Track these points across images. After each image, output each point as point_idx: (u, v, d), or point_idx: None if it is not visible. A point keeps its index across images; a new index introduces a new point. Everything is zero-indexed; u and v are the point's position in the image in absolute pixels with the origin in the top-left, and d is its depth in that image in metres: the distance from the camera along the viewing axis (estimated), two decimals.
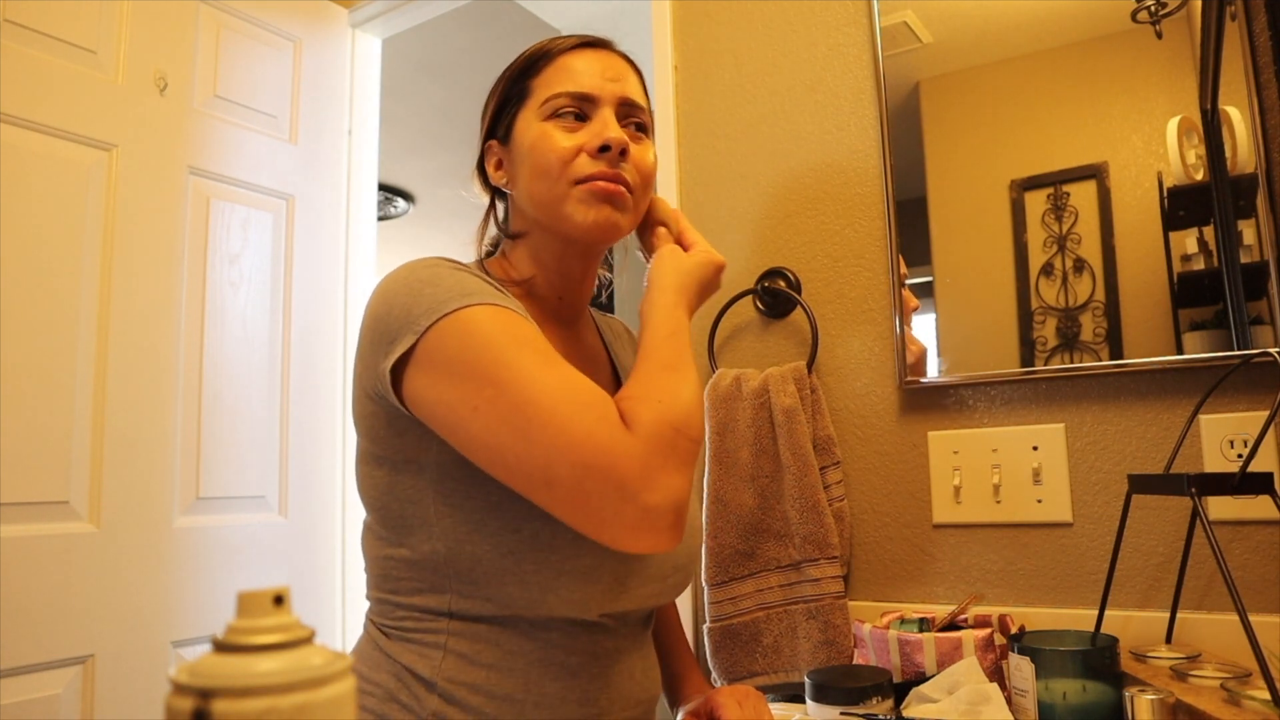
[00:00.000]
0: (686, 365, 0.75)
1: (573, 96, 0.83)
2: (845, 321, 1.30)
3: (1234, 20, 1.04)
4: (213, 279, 1.64)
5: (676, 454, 0.67)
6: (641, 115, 0.87)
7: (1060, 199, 1.14)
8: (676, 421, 0.68)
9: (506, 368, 0.67)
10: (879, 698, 0.91)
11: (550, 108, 0.83)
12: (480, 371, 0.67)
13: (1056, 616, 1.09)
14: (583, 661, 0.77)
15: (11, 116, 1.37)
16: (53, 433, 1.38)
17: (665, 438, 0.67)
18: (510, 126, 0.87)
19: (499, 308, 0.72)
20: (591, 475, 0.64)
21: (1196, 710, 0.78)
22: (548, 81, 0.84)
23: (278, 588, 0.33)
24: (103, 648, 1.41)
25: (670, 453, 0.67)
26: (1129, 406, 1.09)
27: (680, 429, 0.68)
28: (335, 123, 1.94)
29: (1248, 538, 1.01)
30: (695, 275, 0.84)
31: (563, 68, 0.84)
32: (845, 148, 1.32)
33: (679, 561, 0.83)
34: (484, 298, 0.72)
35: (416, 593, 0.77)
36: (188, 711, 0.30)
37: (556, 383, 0.67)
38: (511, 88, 0.87)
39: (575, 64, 0.84)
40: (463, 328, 0.69)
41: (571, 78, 0.84)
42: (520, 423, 0.65)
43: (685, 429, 0.69)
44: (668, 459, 0.66)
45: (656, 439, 0.67)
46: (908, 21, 1.27)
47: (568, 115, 0.83)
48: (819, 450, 1.24)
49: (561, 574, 0.72)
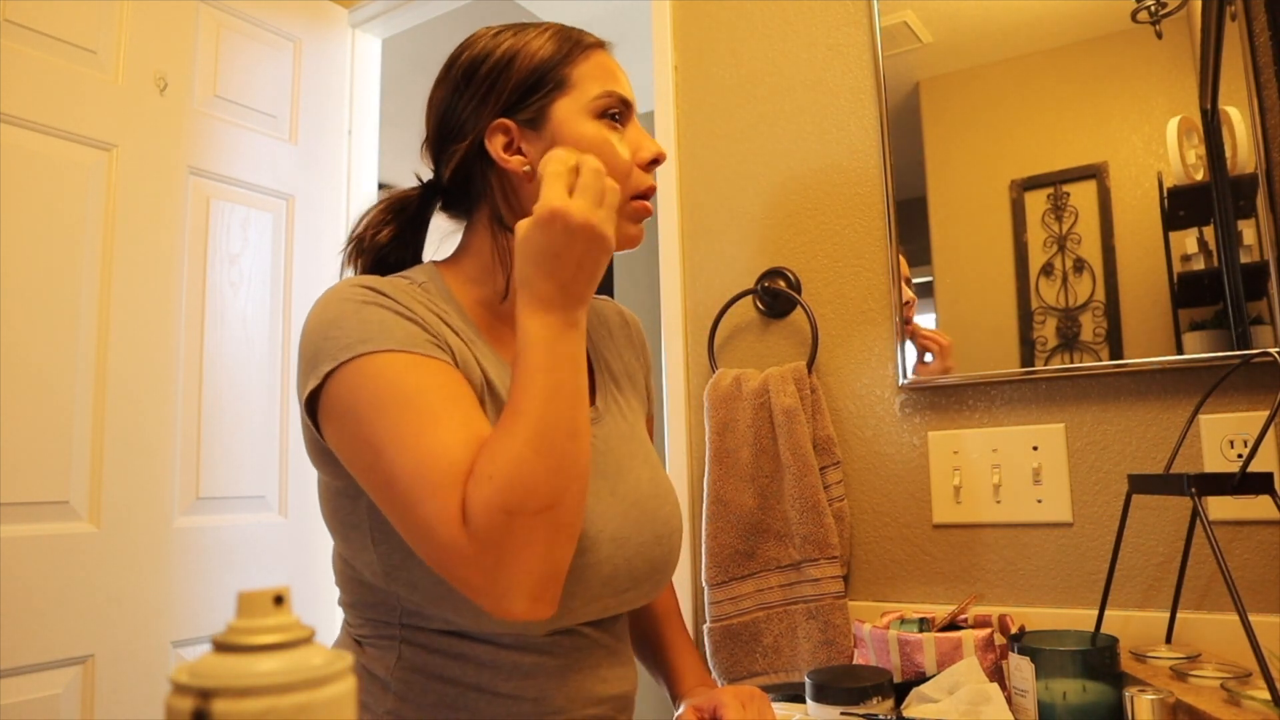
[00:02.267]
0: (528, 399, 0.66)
1: (621, 100, 0.81)
2: (845, 321, 1.30)
3: (1234, 20, 1.04)
4: (213, 279, 1.64)
5: (515, 538, 0.62)
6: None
7: (1060, 199, 1.14)
8: (510, 503, 0.62)
9: (383, 434, 0.66)
10: (879, 698, 0.91)
11: (600, 106, 0.80)
12: (364, 434, 0.67)
13: (1056, 616, 1.09)
14: (538, 663, 0.76)
15: (11, 116, 1.37)
16: (53, 433, 1.38)
17: (498, 527, 0.62)
18: (544, 112, 0.80)
19: (395, 354, 0.69)
20: (439, 569, 0.65)
21: (1196, 710, 0.78)
22: (591, 76, 0.81)
23: (278, 588, 0.33)
24: (103, 648, 1.41)
25: (506, 541, 0.62)
26: (1129, 406, 1.09)
27: (515, 510, 0.62)
28: (335, 123, 1.94)
29: (1248, 538, 1.01)
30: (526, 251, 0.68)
31: (602, 65, 0.82)
32: (845, 148, 1.32)
33: (636, 574, 0.79)
34: (381, 344, 0.69)
35: (369, 605, 0.78)
36: (188, 711, 0.30)
37: (415, 461, 0.65)
38: (544, 73, 0.80)
39: (611, 65, 0.83)
40: (354, 380, 0.68)
41: (615, 79, 0.82)
42: (389, 495, 0.67)
43: (522, 506, 0.62)
44: (504, 550, 0.62)
45: (488, 533, 0.62)
46: (908, 21, 1.27)
47: (615, 117, 0.81)
48: (819, 450, 1.24)
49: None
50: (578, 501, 0.67)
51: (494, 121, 0.81)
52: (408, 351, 0.70)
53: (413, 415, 0.67)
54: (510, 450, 0.64)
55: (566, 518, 0.66)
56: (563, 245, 0.67)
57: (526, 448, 0.64)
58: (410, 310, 0.73)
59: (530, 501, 0.63)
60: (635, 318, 1.04)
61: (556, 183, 0.69)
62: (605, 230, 0.68)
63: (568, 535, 0.66)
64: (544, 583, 0.64)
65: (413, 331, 0.72)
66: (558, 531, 0.65)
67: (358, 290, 0.73)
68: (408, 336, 0.71)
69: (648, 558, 0.80)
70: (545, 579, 0.64)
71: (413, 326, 0.72)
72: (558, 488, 0.65)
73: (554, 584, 0.65)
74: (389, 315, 0.72)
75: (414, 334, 0.71)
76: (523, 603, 0.63)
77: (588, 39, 0.84)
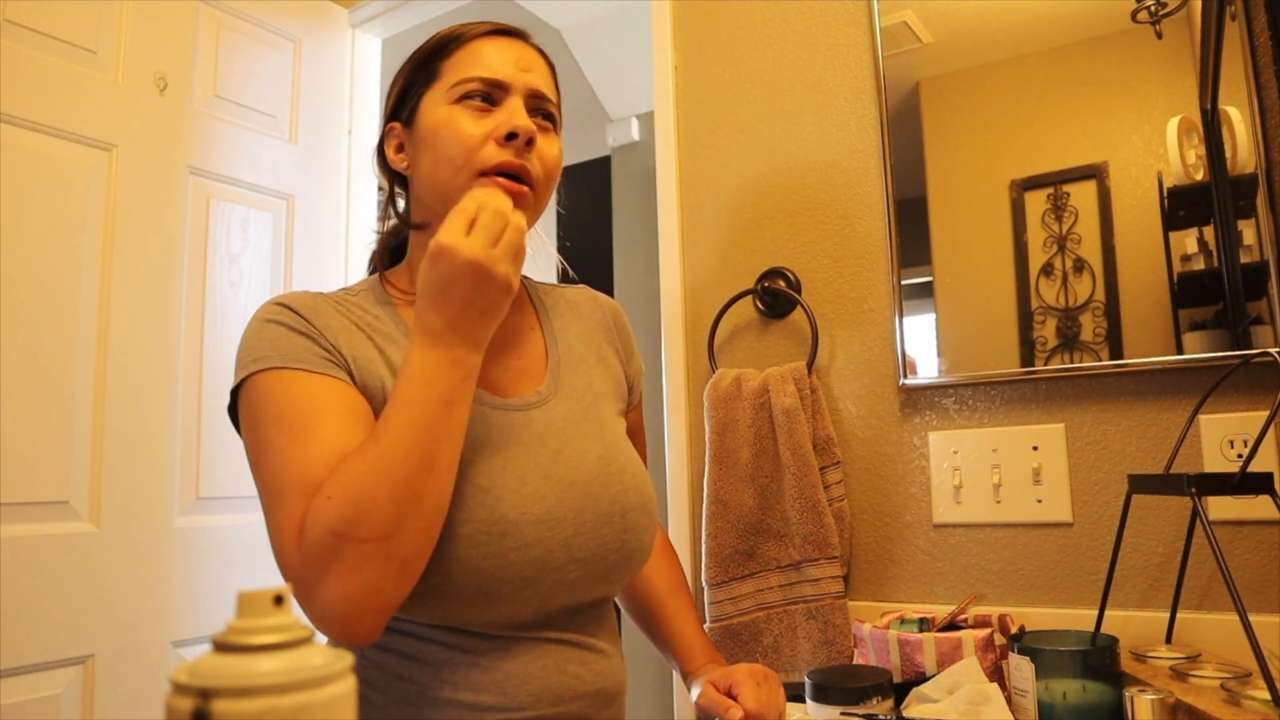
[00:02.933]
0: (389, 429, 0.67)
1: (483, 81, 0.81)
2: (845, 321, 1.30)
3: (1234, 20, 1.04)
4: (213, 279, 1.64)
5: (339, 561, 0.64)
6: (551, 107, 0.85)
7: (1060, 199, 1.14)
8: (340, 523, 0.64)
9: (259, 445, 0.72)
10: (879, 698, 0.91)
11: (459, 91, 0.81)
12: (250, 444, 0.74)
13: (1056, 616, 1.09)
14: (496, 661, 0.76)
15: (11, 116, 1.37)
16: (53, 433, 1.38)
17: (324, 546, 0.65)
18: (415, 109, 0.85)
19: (279, 371, 0.73)
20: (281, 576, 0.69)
21: (1196, 710, 0.78)
22: (458, 65, 0.83)
23: (278, 588, 0.33)
24: (103, 648, 1.41)
25: (329, 562, 0.64)
26: (1129, 406, 1.09)
27: (344, 534, 0.64)
28: (335, 123, 1.94)
29: (1248, 538, 1.01)
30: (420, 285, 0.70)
31: (474, 52, 0.83)
32: (845, 148, 1.32)
33: (581, 556, 0.78)
34: (270, 361, 0.74)
35: None
36: (188, 711, 0.30)
37: (275, 471, 0.70)
38: (419, 70, 0.85)
39: (487, 50, 0.83)
40: (248, 396, 0.74)
41: (483, 62, 0.82)
42: (261, 503, 0.72)
43: (352, 529, 0.64)
44: (325, 571, 0.64)
45: (314, 549, 0.65)
46: (908, 21, 1.27)
47: (476, 99, 0.81)
48: (819, 450, 1.24)
49: (415, 594, 0.72)
50: (419, 536, 0.67)
51: (387, 125, 0.88)
52: (292, 368, 0.74)
53: (283, 428, 0.71)
54: (356, 474, 0.66)
55: (401, 551, 0.66)
56: (449, 280, 0.69)
57: (370, 475, 0.66)
58: (309, 324, 0.77)
59: (361, 529, 0.64)
60: (615, 305, 1.02)
61: (455, 219, 0.70)
62: (496, 269, 0.69)
63: (399, 568, 0.66)
64: (361, 610, 0.65)
65: (303, 347, 0.75)
66: (388, 562, 0.65)
67: (269, 309, 0.78)
68: (295, 353, 0.75)
69: (595, 538, 0.79)
70: (363, 608, 0.65)
71: (305, 341, 0.76)
72: (394, 519, 0.65)
73: (373, 614, 0.66)
74: (283, 332, 0.76)
75: (303, 351, 0.75)
76: (335, 625, 0.65)
77: (476, 29, 0.85)
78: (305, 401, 0.73)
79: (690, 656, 0.97)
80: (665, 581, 1.02)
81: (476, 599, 0.73)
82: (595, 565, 0.80)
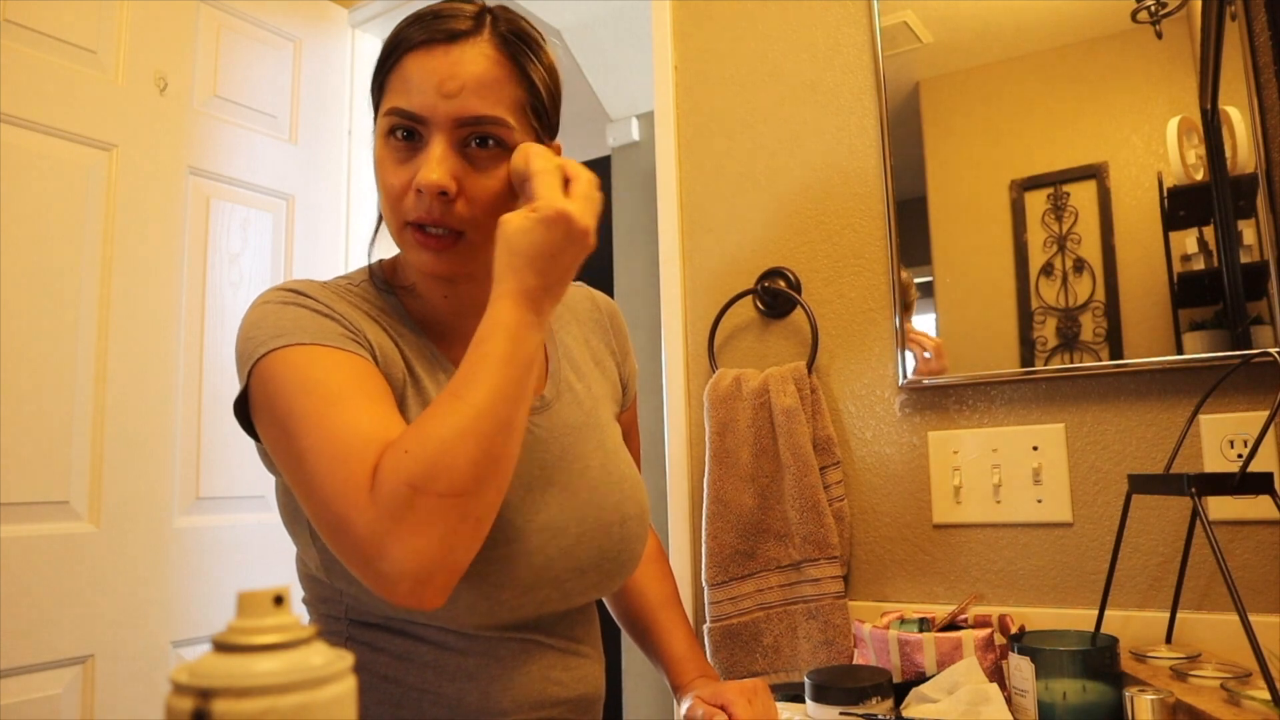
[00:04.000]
0: (473, 386, 0.64)
1: (402, 115, 0.74)
2: (845, 321, 1.30)
3: (1234, 20, 1.04)
4: (213, 279, 1.64)
5: (414, 515, 0.61)
6: (495, 129, 0.74)
7: (1060, 199, 1.14)
8: (418, 477, 0.61)
9: (291, 418, 0.67)
10: (879, 698, 0.91)
11: (385, 125, 0.75)
12: (279, 420, 0.68)
13: (1056, 616, 1.09)
14: (482, 664, 0.76)
15: (11, 116, 1.37)
16: (53, 433, 1.38)
17: (400, 499, 0.61)
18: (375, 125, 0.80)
19: (306, 347, 0.70)
20: (335, 538, 0.64)
21: (1196, 710, 0.78)
22: (389, 88, 0.76)
23: (278, 588, 0.33)
24: (103, 648, 1.41)
25: (405, 515, 0.61)
26: (1129, 406, 1.09)
27: (421, 486, 0.61)
28: (335, 123, 1.94)
29: (1248, 538, 1.01)
30: (522, 244, 0.67)
31: (401, 74, 0.74)
32: (845, 148, 1.32)
33: (580, 564, 0.78)
34: (295, 338, 0.70)
35: (320, 601, 0.79)
36: (188, 711, 0.30)
37: (323, 436, 0.65)
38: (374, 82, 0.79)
39: (411, 72, 0.73)
40: (270, 373, 0.69)
41: (405, 91, 0.73)
42: (299, 476, 0.66)
43: (429, 483, 0.61)
44: (400, 524, 0.61)
45: (390, 502, 0.61)
46: (908, 21, 1.27)
47: (399, 135, 0.74)
48: (819, 450, 1.24)
49: None
50: (495, 497, 0.65)
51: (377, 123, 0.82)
52: (320, 345, 0.70)
53: (320, 398, 0.67)
54: (438, 431, 0.63)
55: (477, 510, 0.63)
56: (561, 248, 0.67)
57: (453, 431, 0.62)
58: (329, 307, 0.74)
59: (441, 483, 0.61)
60: (611, 304, 1.01)
61: (552, 181, 0.68)
62: (592, 239, 0.69)
63: (473, 528, 0.63)
64: (433, 568, 0.61)
65: (327, 326, 0.72)
66: (463, 520, 0.62)
67: (278, 294, 0.75)
68: (321, 331, 0.72)
69: (593, 547, 0.79)
70: (436, 565, 0.61)
71: (328, 322, 0.73)
72: (476, 478, 0.63)
73: (444, 573, 0.62)
74: (304, 313, 0.73)
75: (328, 329, 0.72)
76: (406, 583, 0.61)
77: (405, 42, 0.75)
78: (339, 374, 0.69)
79: (681, 670, 0.96)
80: (658, 593, 1.01)
81: (477, 602, 0.73)
82: (591, 574, 0.79)
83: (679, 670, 0.96)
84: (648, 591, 1.02)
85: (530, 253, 0.67)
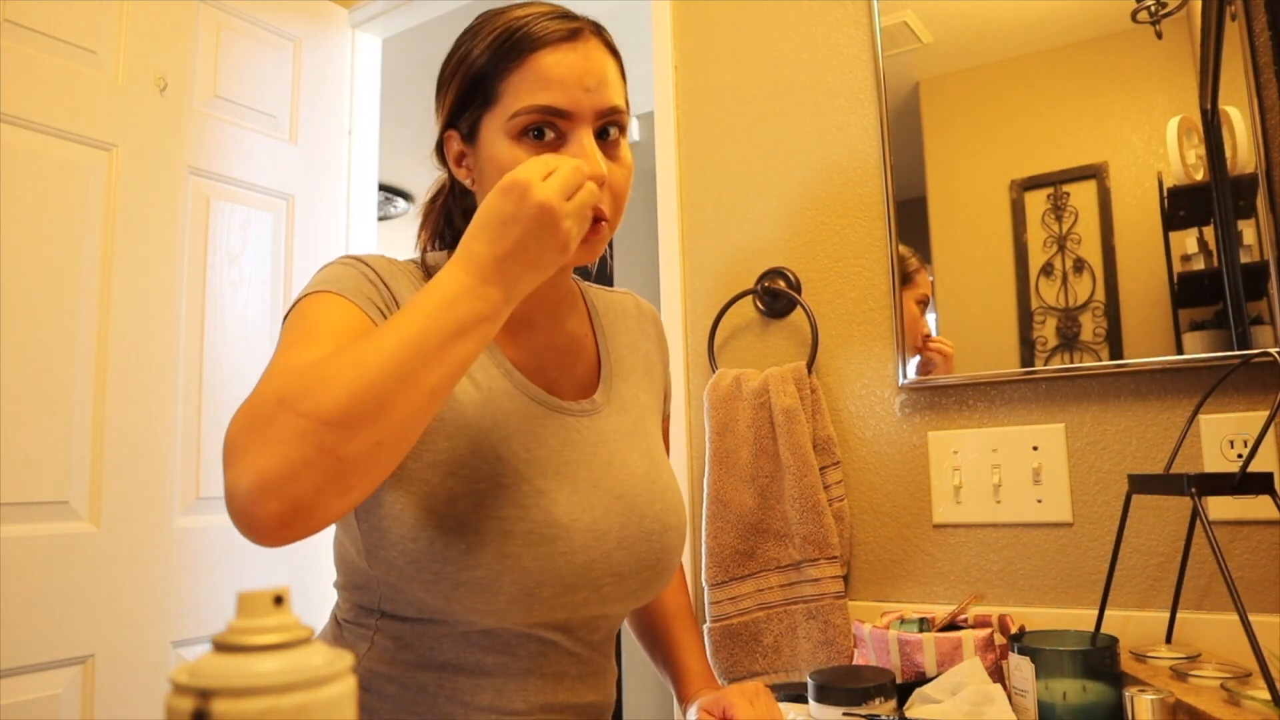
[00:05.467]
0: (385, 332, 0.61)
1: (545, 112, 0.73)
2: (845, 321, 1.30)
3: (1234, 20, 1.04)
4: (213, 279, 1.64)
5: (269, 429, 0.57)
6: (620, 118, 0.77)
7: (1060, 199, 1.14)
8: (286, 392, 0.58)
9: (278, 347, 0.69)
10: (882, 698, 0.91)
11: (518, 125, 0.74)
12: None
13: (1056, 616, 1.09)
14: (501, 663, 0.76)
15: (11, 116, 1.37)
16: (53, 433, 1.38)
17: (264, 411, 0.58)
18: (475, 127, 0.78)
19: (328, 295, 0.72)
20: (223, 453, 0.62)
21: (1196, 710, 0.78)
22: (516, 88, 0.74)
23: (278, 588, 0.33)
24: (103, 648, 1.41)
25: (261, 428, 0.58)
26: (1129, 406, 1.09)
27: (286, 401, 0.58)
28: (335, 123, 1.94)
29: (1248, 538, 1.01)
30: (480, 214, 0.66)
31: (535, 72, 0.73)
32: (845, 148, 1.32)
33: (618, 569, 0.77)
34: (325, 286, 0.73)
35: (356, 587, 0.79)
36: (188, 711, 0.30)
37: (274, 364, 0.66)
38: (476, 85, 0.77)
39: (550, 69, 0.73)
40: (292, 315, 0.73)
41: (545, 88, 0.73)
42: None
43: (295, 400, 0.58)
44: (253, 434, 0.58)
45: (254, 411, 0.59)
46: (908, 21, 1.27)
47: (536, 132, 0.74)
48: (819, 450, 1.24)
49: (459, 585, 0.71)
50: (367, 445, 0.59)
51: (446, 131, 0.82)
52: (342, 296, 0.72)
53: (301, 334, 0.68)
54: (332, 361, 0.61)
55: (340, 448, 0.58)
56: (511, 217, 0.64)
57: (347, 364, 0.60)
58: (379, 279, 0.76)
59: (305, 403, 0.58)
60: (654, 313, 1.03)
61: (535, 163, 0.66)
62: (562, 222, 0.64)
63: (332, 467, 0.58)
64: (270, 490, 0.57)
65: (362, 287, 0.74)
66: (319, 451, 0.57)
67: (344, 258, 0.78)
68: (355, 288, 0.73)
69: (633, 554, 0.79)
70: (273, 487, 0.57)
71: (366, 284, 0.75)
72: (348, 411, 0.58)
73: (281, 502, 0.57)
74: (351, 272, 0.75)
75: (361, 288, 0.74)
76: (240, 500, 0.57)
77: (531, 40, 0.74)
78: (334, 320, 0.70)
79: (688, 682, 0.97)
80: (673, 604, 1.02)
81: (518, 599, 0.73)
82: (629, 581, 0.79)
83: (686, 681, 0.97)
84: (665, 602, 1.02)
85: (484, 221, 0.65)
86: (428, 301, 0.63)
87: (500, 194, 0.64)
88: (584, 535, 0.76)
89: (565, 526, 0.75)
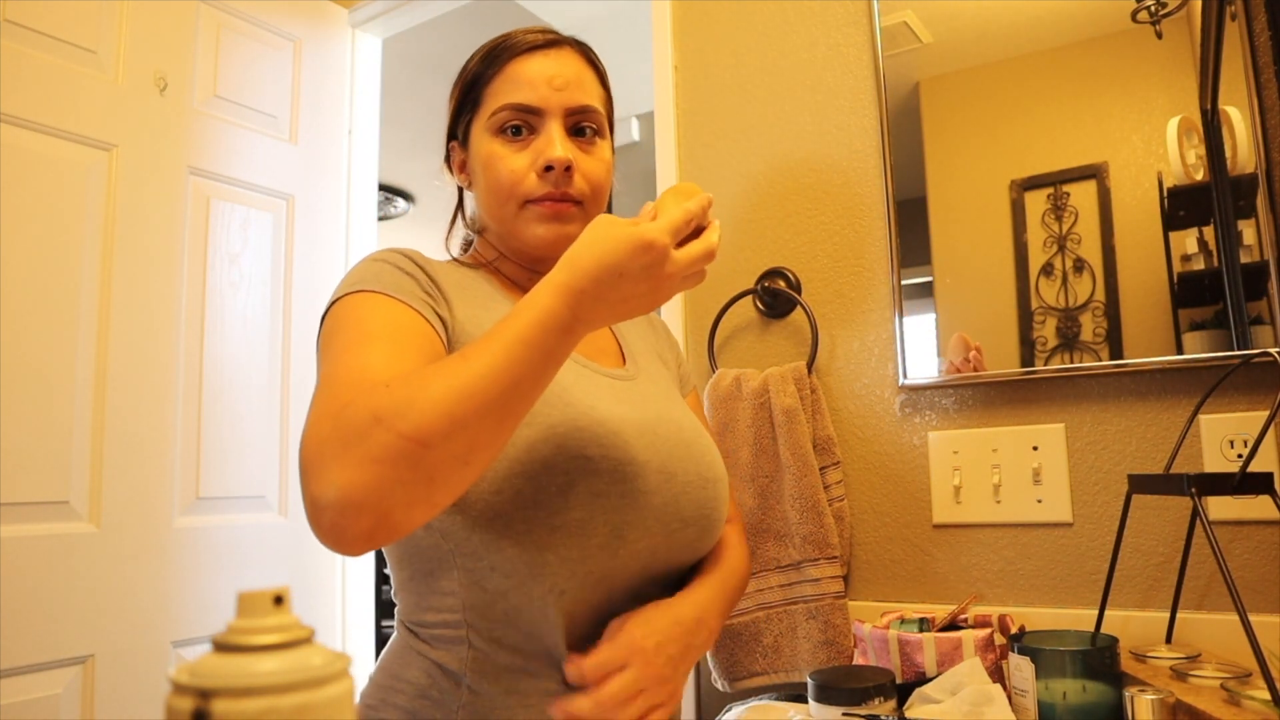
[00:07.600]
0: (480, 352, 0.62)
1: (516, 109, 0.84)
2: (845, 321, 1.30)
3: (1234, 20, 1.04)
4: (213, 279, 1.64)
5: (365, 445, 0.58)
6: (593, 118, 0.86)
7: (1060, 199, 1.14)
8: (385, 410, 0.59)
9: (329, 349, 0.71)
10: (882, 698, 0.91)
11: (496, 122, 0.84)
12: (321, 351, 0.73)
13: (1056, 616, 1.09)
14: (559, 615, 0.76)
15: (11, 116, 1.37)
16: (53, 433, 1.38)
17: (358, 426, 0.59)
18: (467, 132, 0.89)
19: (373, 294, 0.74)
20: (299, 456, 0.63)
21: (1196, 710, 0.78)
22: (495, 92, 0.85)
23: (278, 588, 0.33)
24: (103, 648, 1.41)
25: (356, 443, 0.58)
26: (1129, 406, 1.09)
27: (384, 419, 0.59)
28: (335, 123, 1.94)
29: (1248, 538, 1.01)
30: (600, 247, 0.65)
31: (510, 77, 0.85)
32: (845, 148, 1.32)
33: (685, 515, 0.80)
34: (368, 285, 0.75)
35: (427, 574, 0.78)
36: (188, 711, 0.30)
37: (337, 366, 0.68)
38: (466, 94, 0.89)
39: (522, 72, 0.85)
40: (333, 312, 0.75)
41: (517, 89, 0.84)
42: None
43: (394, 420, 0.58)
44: (348, 449, 0.58)
45: (348, 426, 0.60)
46: (908, 21, 1.27)
47: (513, 129, 0.84)
48: (819, 450, 1.24)
49: (554, 530, 0.72)
50: (455, 464, 0.61)
51: (450, 142, 0.93)
52: (386, 295, 0.75)
53: (356, 335, 0.71)
54: (426, 378, 0.61)
55: (433, 467, 0.59)
56: (630, 272, 0.65)
57: (442, 384, 0.60)
58: (419, 270, 0.79)
59: (406, 422, 0.58)
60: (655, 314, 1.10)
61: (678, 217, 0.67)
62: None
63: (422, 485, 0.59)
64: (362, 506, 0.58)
65: (404, 282, 0.77)
66: (413, 470, 0.58)
67: (383, 252, 0.81)
68: (396, 285, 0.76)
69: (695, 500, 0.82)
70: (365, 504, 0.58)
71: (407, 279, 0.77)
72: (441, 431, 0.59)
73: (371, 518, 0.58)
74: (388, 268, 0.78)
75: (403, 284, 0.76)
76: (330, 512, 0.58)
77: (510, 49, 0.86)
78: (383, 319, 0.72)
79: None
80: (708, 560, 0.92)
81: (608, 542, 0.74)
82: (692, 528, 0.82)
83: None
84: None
85: (602, 257, 0.65)
86: (519, 324, 0.63)
87: (638, 250, 0.64)
88: (656, 475, 0.78)
89: (641, 465, 0.77)
